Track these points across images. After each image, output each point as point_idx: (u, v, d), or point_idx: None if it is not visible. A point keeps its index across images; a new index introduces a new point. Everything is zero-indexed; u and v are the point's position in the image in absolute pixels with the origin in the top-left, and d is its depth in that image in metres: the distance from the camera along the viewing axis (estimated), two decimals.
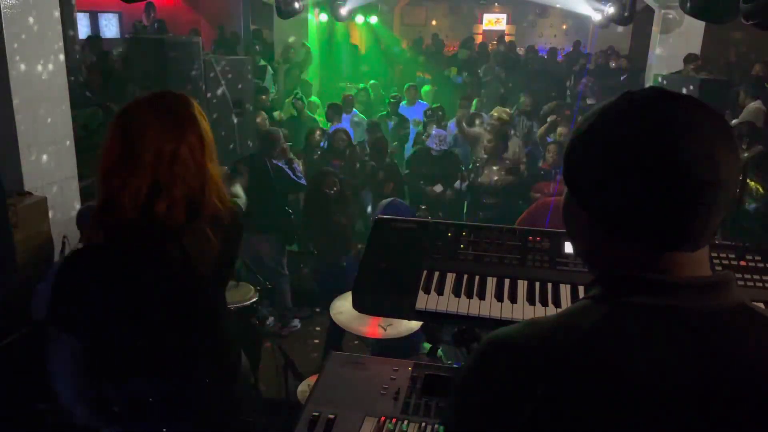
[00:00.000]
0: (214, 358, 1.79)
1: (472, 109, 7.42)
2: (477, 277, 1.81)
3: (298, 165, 5.39)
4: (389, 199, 4.33)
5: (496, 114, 6.47)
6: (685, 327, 0.80)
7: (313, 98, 8.75)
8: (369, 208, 6.05)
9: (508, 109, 6.95)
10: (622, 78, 9.31)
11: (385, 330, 3.12)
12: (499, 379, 0.83)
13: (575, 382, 0.78)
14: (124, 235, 1.54)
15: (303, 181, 5.22)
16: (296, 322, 5.15)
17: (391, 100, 7.75)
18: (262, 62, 9.13)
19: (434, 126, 6.77)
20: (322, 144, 6.33)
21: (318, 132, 6.35)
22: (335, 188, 4.85)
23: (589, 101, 8.38)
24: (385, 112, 7.78)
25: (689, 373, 0.77)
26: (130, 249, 1.55)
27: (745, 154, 5.36)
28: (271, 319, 4.99)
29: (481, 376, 0.86)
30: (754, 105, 6.32)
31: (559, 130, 6.44)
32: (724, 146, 0.78)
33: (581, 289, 1.75)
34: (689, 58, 7.26)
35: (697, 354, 0.78)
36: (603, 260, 0.89)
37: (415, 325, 3.08)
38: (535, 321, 0.88)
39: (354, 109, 7.73)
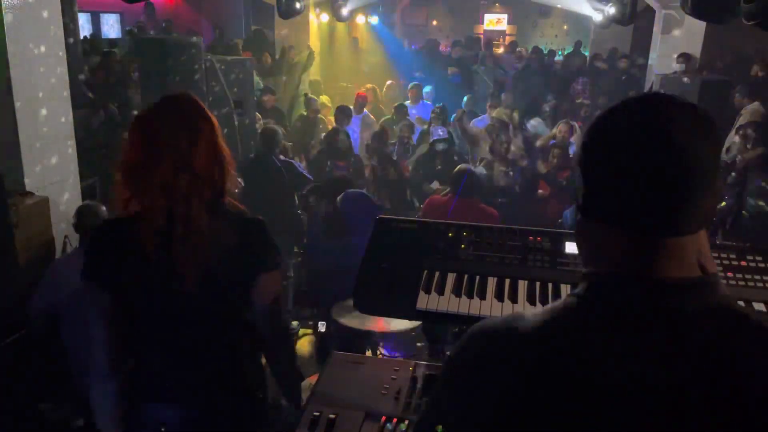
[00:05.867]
0: (235, 387, 1.81)
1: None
2: (477, 277, 1.81)
3: (300, 163, 5.39)
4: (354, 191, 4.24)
5: (495, 115, 6.48)
6: (667, 327, 0.81)
7: (323, 97, 8.76)
8: None
9: (508, 111, 6.96)
10: (623, 78, 9.31)
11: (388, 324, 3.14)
12: (479, 367, 0.87)
13: (551, 379, 0.81)
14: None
15: (310, 176, 5.21)
16: (294, 325, 5.15)
17: (395, 106, 7.74)
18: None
19: (439, 124, 6.82)
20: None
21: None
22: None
23: (579, 101, 8.37)
24: (390, 117, 7.78)
25: (667, 374, 0.78)
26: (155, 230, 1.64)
27: (746, 155, 5.36)
28: None
29: (463, 362, 0.91)
30: (753, 106, 6.30)
31: (560, 127, 6.47)
32: (703, 136, 0.82)
33: None
34: (682, 58, 7.30)
35: (676, 355, 0.79)
36: (591, 255, 0.92)
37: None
38: (520, 315, 0.91)
39: (365, 110, 7.74)
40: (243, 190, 5.26)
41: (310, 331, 5.10)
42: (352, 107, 7.48)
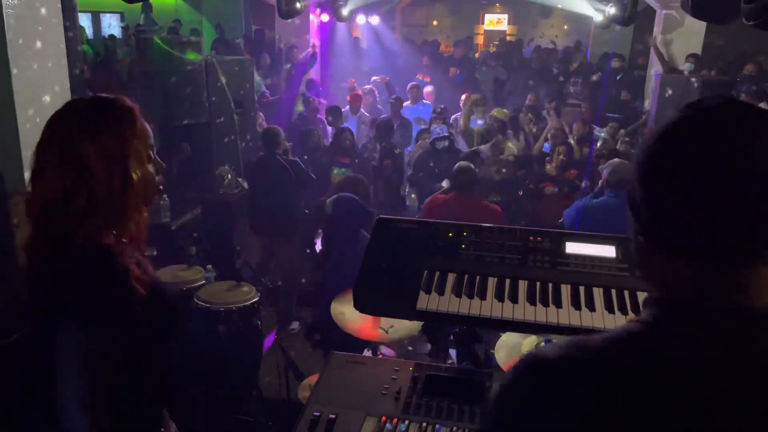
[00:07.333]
0: None
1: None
2: (478, 277, 1.81)
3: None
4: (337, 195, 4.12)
5: (494, 114, 6.50)
6: (755, 365, 0.73)
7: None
8: None
9: (505, 110, 6.97)
10: (618, 78, 9.31)
11: (386, 332, 3.11)
12: (540, 401, 0.80)
13: (622, 413, 0.75)
14: None
15: (313, 176, 5.23)
16: (295, 325, 5.15)
17: (392, 101, 7.74)
18: None
19: (440, 123, 6.85)
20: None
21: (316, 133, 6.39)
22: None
23: (571, 101, 8.36)
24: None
25: (756, 413, 0.71)
26: None
27: None
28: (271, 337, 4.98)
29: (523, 395, 0.83)
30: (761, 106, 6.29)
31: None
32: None
33: (582, 289, 1.75)
34: (692, 58, 7.30)
35: (761, 396, 0.72)
36: (656, 280, 0.84)
37: (416, 326, 3.07)
38: (581, 343, 0.83)
39: (361, 109, 7.75)
40: (249, 190, 5.28)
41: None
42: (348, 108, 7.51)
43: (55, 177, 1.36)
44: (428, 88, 8.87)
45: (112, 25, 12.57)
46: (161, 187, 1.54)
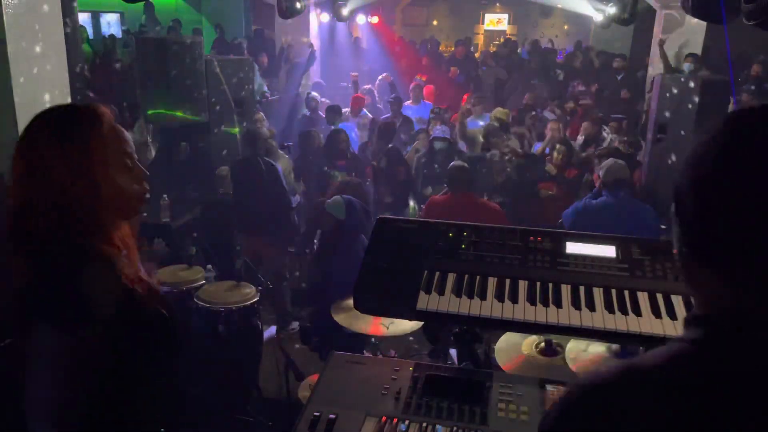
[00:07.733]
0: None
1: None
2: (478, 278, 1.81)
3: (296, 195, 5.35)
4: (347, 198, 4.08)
5: (495, 115, 6.50)
6: None
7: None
8: None
9: (507, 111, 6.98)
10: (619, 78, 9.32)
11: (387, 328, 3.11)
12: (598, 427, 0.77)
13: None
14: None
15: (293, 197, 5.18)
16: (295, 325, 5.15)
17: (390, 101, 7.75)
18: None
19: (439, 124, 6.85)
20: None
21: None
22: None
23: (569, 103, 8.36)
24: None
25: None
26: None
27: None
28: (272, 329, 4.98)
29: (579, 421, 0.80)
30: None
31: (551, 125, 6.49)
32: None
33: (582, 289, 1.75)
34: (691, 57, 7.30)
35: None
36: (705, 298, 0.80)
37: (417, 323, 3.08)
38: (633, 366, 0.80)
39: (363, 110, 7.75)
40: (233, 191, 5.28)
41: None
42: (349, 109, 7.49)
43: (23, 187, 1.33)
44: (428, 88, 8.88)
45: (111, 25, 12.57)
46: (146, 195, 1.47)
